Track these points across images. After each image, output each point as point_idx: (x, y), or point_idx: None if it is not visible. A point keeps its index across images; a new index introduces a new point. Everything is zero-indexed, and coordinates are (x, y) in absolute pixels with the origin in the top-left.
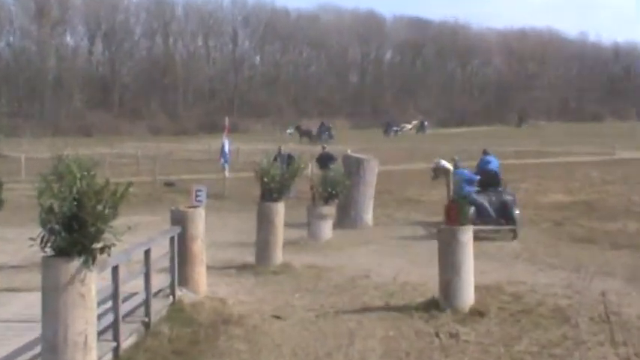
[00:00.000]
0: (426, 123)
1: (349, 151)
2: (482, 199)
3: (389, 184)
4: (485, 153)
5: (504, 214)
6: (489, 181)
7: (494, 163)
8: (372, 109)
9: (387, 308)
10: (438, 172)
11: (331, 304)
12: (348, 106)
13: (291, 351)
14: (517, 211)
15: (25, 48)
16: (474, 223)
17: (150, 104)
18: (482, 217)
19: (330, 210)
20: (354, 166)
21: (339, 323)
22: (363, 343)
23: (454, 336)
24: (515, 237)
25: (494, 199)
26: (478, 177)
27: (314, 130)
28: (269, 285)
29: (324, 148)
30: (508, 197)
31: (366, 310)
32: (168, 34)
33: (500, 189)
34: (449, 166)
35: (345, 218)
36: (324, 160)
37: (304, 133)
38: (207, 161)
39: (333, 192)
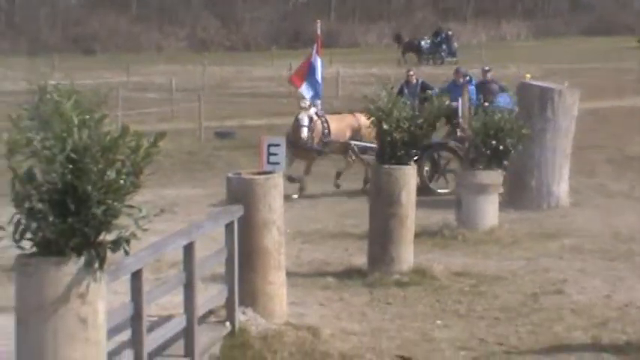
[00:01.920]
0: None
1: (528, 77)
2: None
3: (598, 133)
4: None
5: None
6: None
7: None
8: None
9: (598, 348)
10: None
11: (498, 339)
12: (523, 3)
13: None
14: None
15: None
16: None
17: (190, 2)
18: None
19: (496, 178)
20: (536, 103)
21: None
22: None
23: None
24: None
25: None
26: None
27: (424, 42)
28: (391, 304)
29: (486, 72)
30: None
31: (559, 349)
32: None
33: None
34: None
35: (521, 192)
36: (487, 93)
37: (409, 47)
38: (285, 95)
39: (501, 147)
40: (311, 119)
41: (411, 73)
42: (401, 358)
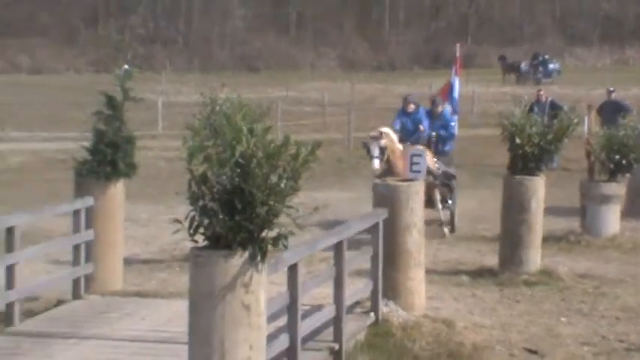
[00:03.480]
0: None
1: None
2: None
3: None
4: None
5: None
6: None
7: None
8: None
9: None
10: None
11: (619, 336)
12: None
13: None
14: None
15: None
16: None
17: (342, 26)
18: None
19: (618, 189)
20: None
21: None
22: None
23: None
24: None
25: None
26: None
27: (523, 64)
28: (520, 302)
29: (610, 92)
30: None
31: None
32: None
33: None
34: None
35: None
36: (610, 112)
37: (510, 68)
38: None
39: (624, 162)
40: (383, 149)
41: (541, 92)
42: (528, 351)
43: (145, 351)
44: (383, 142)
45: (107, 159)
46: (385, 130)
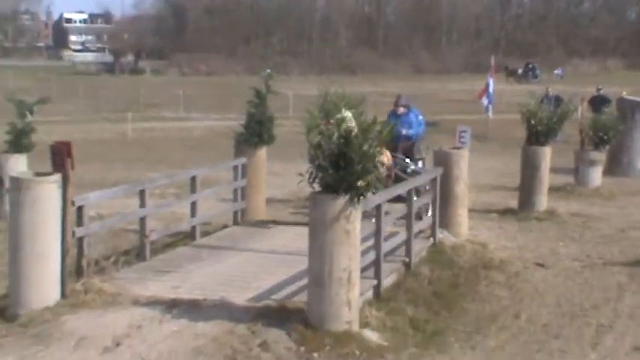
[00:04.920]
0: None
1: (624, 94)
2: None
3: None
4: None
5: None
6: None
7: None
8: None
9: None
10: None
11: (598, 255)
12: (625, 45)
13: (555, 301)
14: None
15: None
16: None
17: (413, 43)
18: None
19: (600, 156)
20: (628, 110)
21: (606, 275)
22: (634, 298)
23: None
24: None
25: None
26: None
27: (519, 70)
28: (532, 231)
29: (598, 90)
30: None
31: (637, 263)
32: None
33: None
34: None
35: (617, 165)
36: (598, 103)
37: (510, 73)
38: (471, 102)
39: (605, 137)
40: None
41: (549, 89)
42: (537, 264)
43: (279, 259)
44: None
45: (255, 132)
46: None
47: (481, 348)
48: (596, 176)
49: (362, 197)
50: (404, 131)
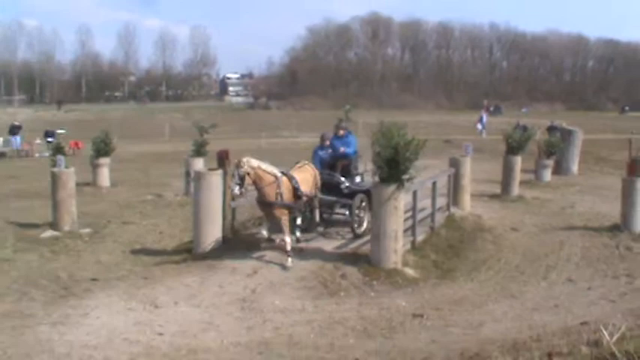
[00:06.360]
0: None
1: (564, 124)
2: None
3: (590, 147)
4: None
5: None
6: None
7: None
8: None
9: (585, 228)
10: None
11: (549, 224)
12: (564, 94)
13: (522, 251)
14: None
15: (363, 56)
16: None
17: (436, 90)
18: None
19: (550, 162)
20: (566, 134)
21: (553, 236)
22: (569, 250)
23: (629, 248)
24: None
25: None
26: None
27: (491, 108)
28: (509, 208)
29: (552, 122)
30: None
31: (571, 228)
32: (449, 47)
33: None
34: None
35: (560, 168)
36: (551, 130)
37: (486, 110)
38: (471, 127)
39: (553, 150)
40: (242, 177)
41: (519, 121)
42: (512, 229)
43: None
44: (242, 170)
45: None
46: (246, 159)
47: (477, 280)
48: (547, 175)
49: (403, 186)
50: (341, 149)
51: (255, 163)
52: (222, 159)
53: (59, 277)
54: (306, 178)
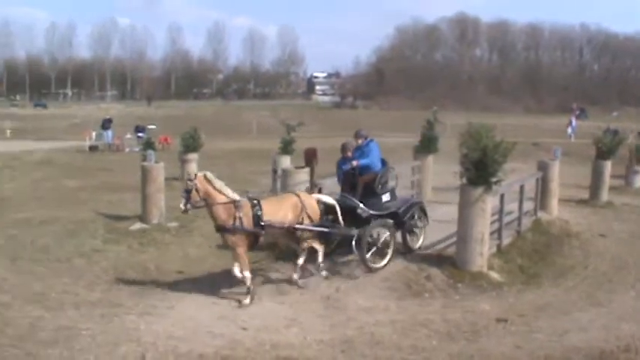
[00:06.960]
0: None
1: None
2: None
3: None
4: None
5: None
6: None
7: None
8: None
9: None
10: None
11: (639, 231)
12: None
13: (610, 258)
14: None
15: (450, 57)
16: None
17: (524, 92)
18: None
19: None
20: None
21: None
22: None
23: None
24: None
25: None
26: None
27: (578, 112)
28: (597, 214)
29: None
30: None
31: None
32: (538, 48)
33: None
34: None
35: None
36: None
37: (574, 113)
38: (561, 131)
39: None
40: (189, 191)
41: (610, 125)
42: (600, 235)
43: (437, 225)
44: (191, 184)
45: (426, 145)
46: (201, 174)
47: (562, 286)
48: (638, 181)
49: (491, 188)
50: (354, 162)
51: (209, 180)
52: (310, 157)
53: (147, 268)
54: (282, 206)
